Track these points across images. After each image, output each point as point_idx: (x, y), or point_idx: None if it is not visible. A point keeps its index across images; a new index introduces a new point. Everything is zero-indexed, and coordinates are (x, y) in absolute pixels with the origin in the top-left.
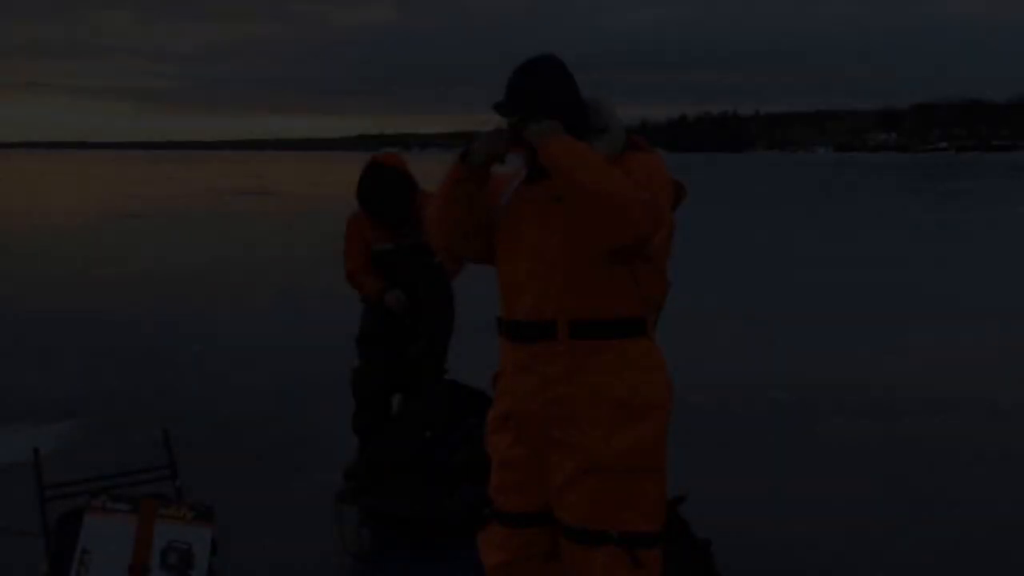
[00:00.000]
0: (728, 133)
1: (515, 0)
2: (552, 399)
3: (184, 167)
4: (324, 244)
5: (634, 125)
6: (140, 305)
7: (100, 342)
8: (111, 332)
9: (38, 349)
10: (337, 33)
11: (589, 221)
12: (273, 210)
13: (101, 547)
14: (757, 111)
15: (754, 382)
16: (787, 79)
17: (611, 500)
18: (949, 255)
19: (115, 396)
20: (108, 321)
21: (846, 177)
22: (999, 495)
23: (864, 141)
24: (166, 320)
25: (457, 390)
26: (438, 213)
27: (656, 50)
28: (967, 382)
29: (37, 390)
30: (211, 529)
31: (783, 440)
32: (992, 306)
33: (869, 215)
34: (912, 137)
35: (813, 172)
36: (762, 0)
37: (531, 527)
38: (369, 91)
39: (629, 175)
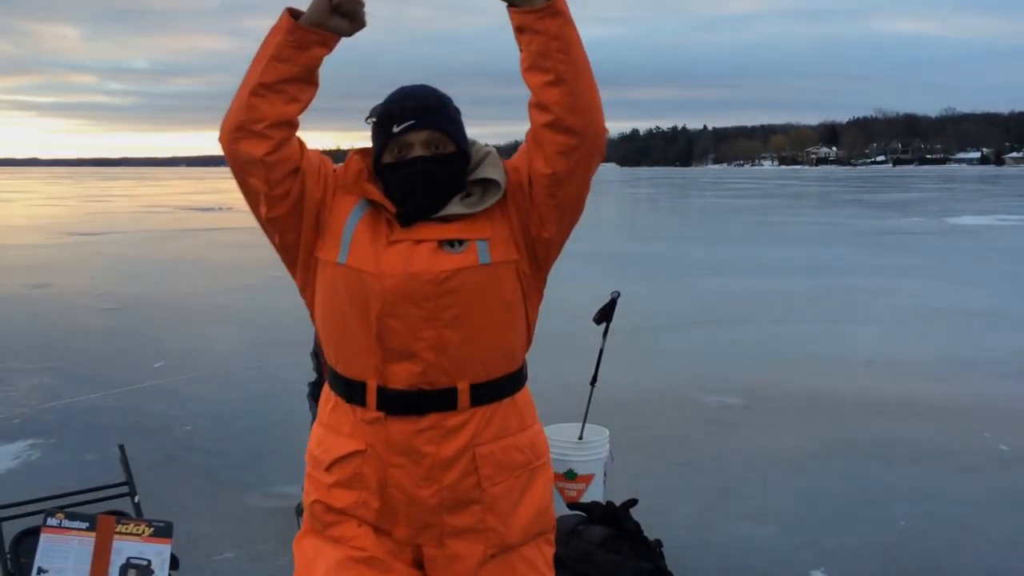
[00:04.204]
0: (678, 147)
1: (463, 17)
2: (448, 485)
3: (138, 183)
4: (280, 259)
5: None
6: (97, 322)
7: (57, 360)
8: (68, 350)
9: None
10: None
11: (576, 115)
12: (230, 225)
13: (58, 566)
14: (705, 126)
15: (702, 387)
16: (733, 94)
17: None
18: (886, 261)
19: (72, 414)
20: (64, 338)
21: (790, 188)
22: (939, 493)
23: (807, 155)
24: (124, 337)
25: None
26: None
27: (606, 67)
28: (908, 383)
29: None
30: (169, 544)
31: (729, 443)
32: (931, 308)
33: (809, 223)
34: (852, 150)
35: (762, 185)
36: (708, 19)
37: None
38: (325, 106)
39: (518, 157)
